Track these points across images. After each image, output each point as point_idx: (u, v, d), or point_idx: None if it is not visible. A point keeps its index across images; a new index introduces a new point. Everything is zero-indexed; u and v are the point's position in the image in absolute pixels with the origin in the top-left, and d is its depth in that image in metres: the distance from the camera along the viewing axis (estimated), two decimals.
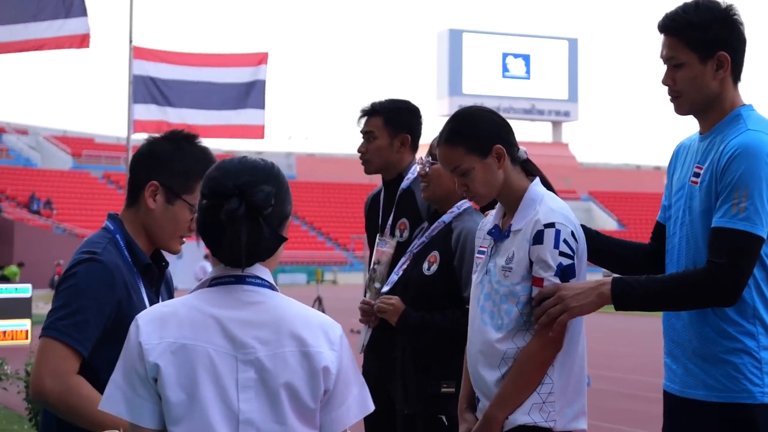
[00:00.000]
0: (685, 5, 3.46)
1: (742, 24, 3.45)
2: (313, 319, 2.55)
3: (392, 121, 4.99)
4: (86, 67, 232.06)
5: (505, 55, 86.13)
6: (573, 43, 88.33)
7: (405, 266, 4.57)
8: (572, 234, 3.52)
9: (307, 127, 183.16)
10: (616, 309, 3.44)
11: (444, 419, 4.37)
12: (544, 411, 3.51)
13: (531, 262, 3.51)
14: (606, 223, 73.97)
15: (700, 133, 3.54)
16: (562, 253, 3.47)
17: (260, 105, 10.48)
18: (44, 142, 68.42)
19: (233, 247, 2.48)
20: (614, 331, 24.60)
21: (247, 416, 2.44)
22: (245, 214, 2.47)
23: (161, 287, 3.46)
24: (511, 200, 3.61)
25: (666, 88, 3.50)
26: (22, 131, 69.64)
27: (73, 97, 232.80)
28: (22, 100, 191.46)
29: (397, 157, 5.01)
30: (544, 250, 3.48)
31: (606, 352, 19.25)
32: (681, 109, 3.51)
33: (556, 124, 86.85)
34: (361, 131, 5.04)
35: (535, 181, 3.66)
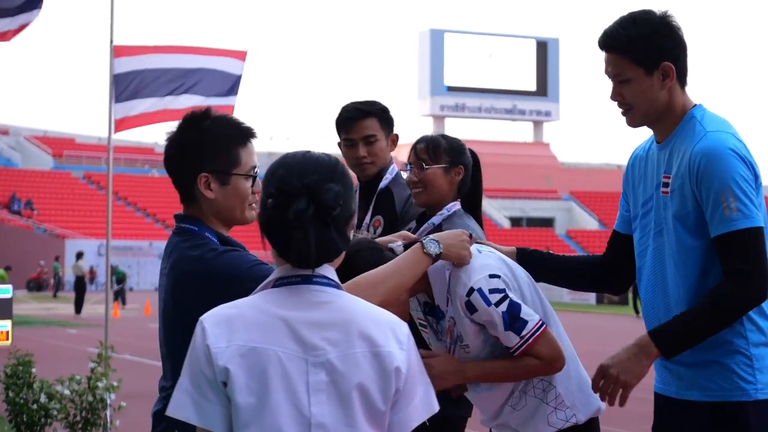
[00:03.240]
0: (623, 21, 3.49)
1: (680, 29, 3.48)
2: (381, 318, 2.50)
3: (385, 120, 4.96)
4: (67, 66, 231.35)
5: (486, 55, 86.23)
6: (554, 43, 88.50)
7: None
8: (489, 276, 3.46)
9: (289, 127, 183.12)
10: (668, 359, 3.41)
11: (426, 420, 4.36)
12: (561, 414, 3.57)
13: (481, 327, 3.50)
14: (587, 222, 74.15)
15: (657, 141, 3.56)
16: (497, 303, 3.43)
17: (234, 93, 10.52)
18: (25, 142, 68.17)
19: (301, 248, 2.42)
20: (605, 330, 24.63)
21: (319, 420, 2.39)
22: (314, 214, 2.42)
23: None
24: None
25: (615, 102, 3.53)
26: (3, 131, 69.38)
27: (54, 97, 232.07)
28: (3, 100, 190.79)
29: (388, 158, 5.00)
30: (482, 314, 3.44)
31: (593, 352, 19.26)
32: (633, 122, 3.54)
33: (537, 124, 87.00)
34: (357, 137, 4.91)
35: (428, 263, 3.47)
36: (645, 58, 3.43)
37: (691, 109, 3.49)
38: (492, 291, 3.44)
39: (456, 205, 4.36)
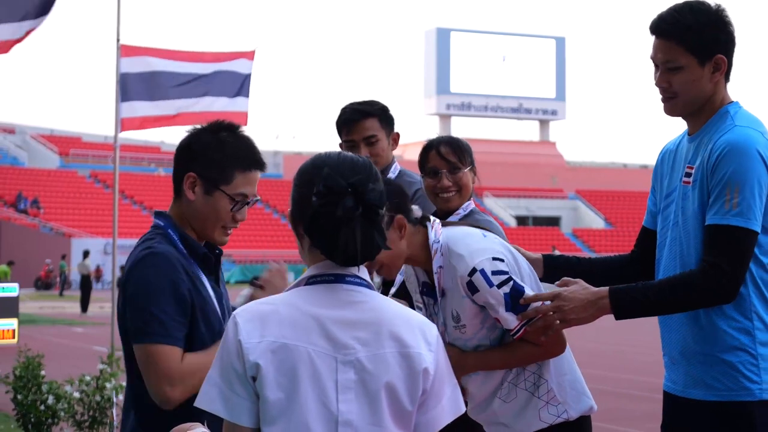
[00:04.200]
0: (678, 8, 3.46)
1: (732, 25, 3.47)
2: (412, 319, 2.54)
3: (385, 120, 4.96)
4: (74, 65, 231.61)
5: (492, 54, 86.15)
6: (560, 42, 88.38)
7: None
8: (493, 259, 3.47)
9: (295, 125, 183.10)
10: (617, 319, 3.43)
11: None
12: (552, 409, 3.58)
13: (481, 308, 3.51)
14: (593, 221, 74.06)
15: (689, 133, 3.55)
16: (499, 285, 3.44)
17: (244, 93, 10.50)
18: (31, 141, 68.22)
19: (348, 246, 2.44)
20: (605, 330, 24.59)
21: (347, 417, 2.42)
22: (362, 213, 2.44)
23: (219, 274, 3.48)
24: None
25: (659, 89, 3.50)
26: (9, 130, 69.44)
27: (60, 96, 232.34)
28: (9, 99, 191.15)
29: (390, 157, 5.01)
30: (483, 295, 3.46)
31: (597, 351, 19.26)
32: (674, 111, 3.51)
33: (544, 123, 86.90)
34: (357, 138, 4.91)
35: (432, 232, 3.56)
36: (700, 47, 3.41)
37: (727, 105, 3.48)
38: (495, 273, 3.45)
39: (471, 205, 4.38)
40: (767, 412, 3.35)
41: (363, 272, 2.55)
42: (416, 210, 3.57)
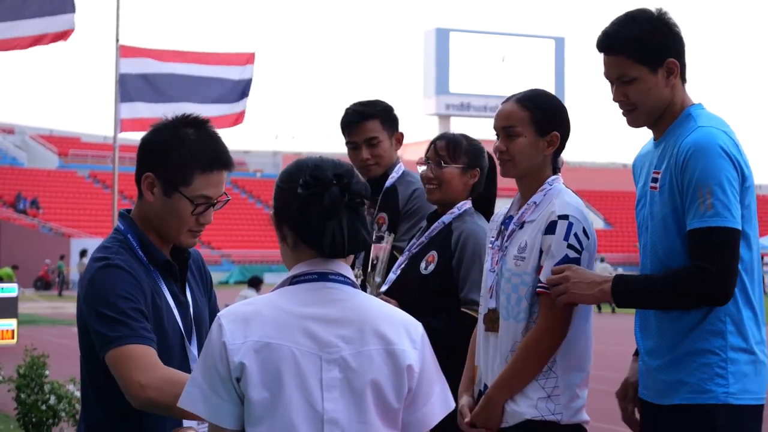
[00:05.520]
0: (622, 21, 3.45)
1: (677, 25, 3.47)
2: (396, 317, 2.55)
3: (388, 121, 4.97)
4: (73, 66, 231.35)
5: (491, 54, 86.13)
6: (560, 42, 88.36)
7: (403, 266, 4.56)
8: (584, 230, 3.59)
9: (294, 126, 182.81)
10: (617, 306, 3.43)
11: None
12: (551, 404, 3.59)
13: (541, 252, 3.59)
14: (593, 222, 73.84)
15: (654, 139, 3.54)
16: (570, 246, 3.55)
17: (245, 95, 10.48)
18: (30, 141, 68.16)
19: (336, 236, 2.47)
20: (604, 330, 24.60)
21: (332, 416, 2.42)
22: (347, 202, 2.47)
23: (189, 278, 3.29)
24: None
25: (618, 103, 3.50)
26: (9, 130, 69.37)
27: (59, 96, 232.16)
28: (8, 99, 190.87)
29: (393, 157, 5.01)
30: (554, 240, 3.56)
31: (597, 351, 19.23)
32: (637, 122, 3.51)
33: None
34: (359, 139, 4.92)
35: (557, 177, 3.77)
36: (649, 56, 3.40)
37: (689, 107, 3.46)
38: (576, 236, 3.57)
39: (467, 204, 4.39)
40: (730, 417, 3.29)
41: (347, 270, 2.56)
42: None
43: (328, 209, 2.46)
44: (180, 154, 3.13)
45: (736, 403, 3.29)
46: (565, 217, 3.58)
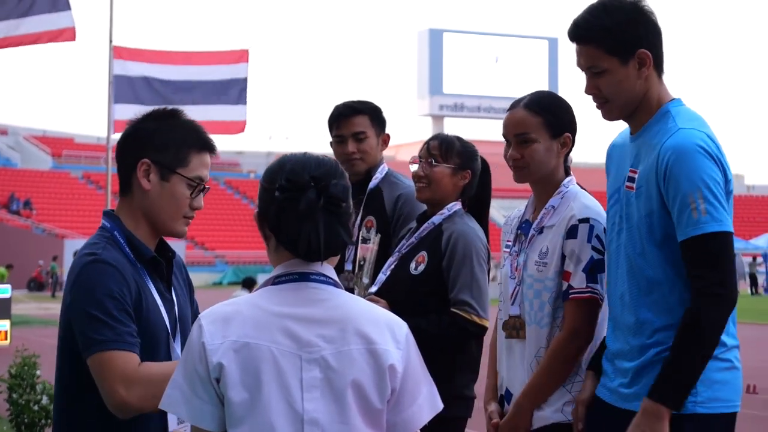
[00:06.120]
0: (593, 9, 3.35)
1: (653, 14, 3.35)
2: (379, 317, 2.51)
3: (377, 120, 4.98)
4: (66, 66, 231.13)
5: (485, 55, 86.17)
6: (553, 43, 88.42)
7: (393, 266, 4.56)
8: (604, 230, 3.57)
9: (288, 126, 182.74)
10: (680, 411, 3.18)
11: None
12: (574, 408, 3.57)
13: (563, 257, 3.58)
14: None
15: (631, 133, 3.43)
16: (594, 248, 3.55)
17: (242, 101, 10.45)
18: (24, 142, 68.08)
19: (311, 240, 2.43)
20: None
21: (312, 416, 2.39)
22: (324, 206, 2.44)
23: (173, 279, 3.30)
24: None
25: (591, 96, 3.40)
26: (2, 131, 69.29)
27: (53, 97, 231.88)
28: (2, 100, 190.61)
29: (378, 157, 5.02)
30: (577, 244, 3.56)
31: None
32: (610, 115, 3.41)
33: None
34: (347, 133, 4.93)
35: (571, 179, 3.76)
36: (619, 47, 3.29)
37: (668, 103, 3.35)
38: (598, 237, 3.57)
39: (456, 206, 4.39)
40: (699, 427, 3.19)
41: (329, 270, 2.53)
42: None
43: (303, 214, 2.43)
44: (174, 137, 3.18)
45: (705, 412, 3.19)
46: (585, 220, 3.59)
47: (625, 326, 3.34)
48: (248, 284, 17.07)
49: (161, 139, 3.17)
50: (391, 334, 2.49)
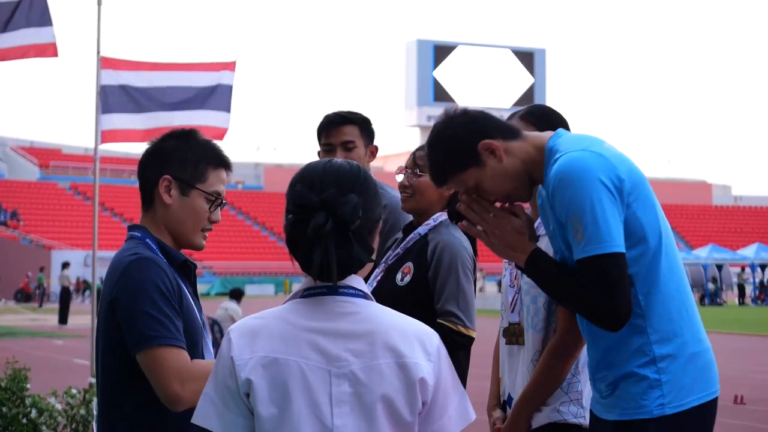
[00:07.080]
0: (429, 152, 3.32)
1: (475, 117, 3.32)
2: (409, 329, 2.47)
3: (366, 131, 4.98)
4: (54, 77, 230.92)
5: (472, 65, 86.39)
6: (540, 54, 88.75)
7: (379, 277, 4.56)
8: None
9: (275, 137, 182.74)
10: (524, 272, 3.32)
11: None
12: (573, 408, 3.65)
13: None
14: None
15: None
16: None
17: (226, 108, 10.44)
18: (11, 152, 68.04)
19: (322, 264, 2.40)
20: None
21: (342, 431, 2.37)
22: (333, 229, 2.40)
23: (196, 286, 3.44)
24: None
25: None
26: None
27: (40, 108, 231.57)
28: None
29: (367, 168, 5.01)
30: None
31: None
32: (527, 198, 3.36)
33: None
34: (336, 142, 4.92)
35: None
36: (465, 163, 3.24)
37: (548, 142, 3.30)
38: None
39: (442, 216, 4.39)
40: (668, 428, 3.18)
41: (358, 282, 2.50)
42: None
43: (312, 239, 2.40)
44: (193, 154, 3.35)
45: (674, 412, 3.19)
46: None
47: (589, 333, 3.37)
48: (236, 295, 17.03)
49: (181, 156, 3.34)
50: (421, 346, 2.46)
